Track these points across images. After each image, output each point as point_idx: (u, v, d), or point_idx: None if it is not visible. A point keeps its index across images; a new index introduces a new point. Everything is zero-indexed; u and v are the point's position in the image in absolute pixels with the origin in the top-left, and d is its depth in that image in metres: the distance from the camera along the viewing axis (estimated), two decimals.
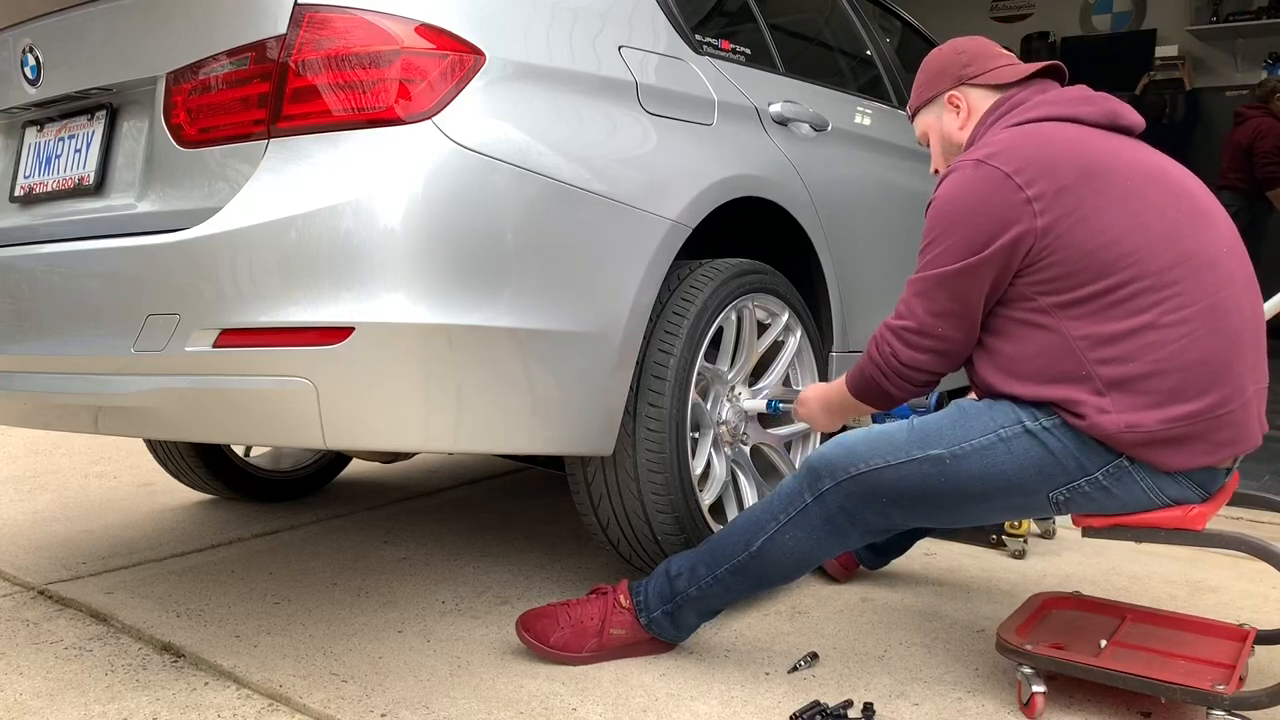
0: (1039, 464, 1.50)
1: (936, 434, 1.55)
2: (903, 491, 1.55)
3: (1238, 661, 1.57)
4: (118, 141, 1.83)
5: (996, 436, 1.51)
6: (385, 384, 1.54)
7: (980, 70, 1.71)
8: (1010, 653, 1.60)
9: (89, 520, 2.76)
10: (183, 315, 1.60)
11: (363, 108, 1.56)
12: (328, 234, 1.53)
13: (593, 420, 1.78)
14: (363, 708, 1.60)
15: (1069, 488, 1.51)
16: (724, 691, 1.66)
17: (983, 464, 1.51)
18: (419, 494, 3.06)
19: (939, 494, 1.54)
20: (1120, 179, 1.47)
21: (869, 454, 1.56)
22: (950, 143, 1.74)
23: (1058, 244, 1.45)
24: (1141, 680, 1.51)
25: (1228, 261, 1.49)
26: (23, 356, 1.84)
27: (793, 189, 2.25)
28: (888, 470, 1.55)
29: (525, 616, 1.78)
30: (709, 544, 1.72)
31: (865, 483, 1.56)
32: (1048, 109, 1.58)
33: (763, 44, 2.45)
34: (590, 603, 1.78)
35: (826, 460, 1.60)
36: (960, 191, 1.51)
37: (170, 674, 1.74)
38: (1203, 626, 1.73)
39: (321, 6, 1.59)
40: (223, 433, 1.66)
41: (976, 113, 1.70)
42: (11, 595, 2.14)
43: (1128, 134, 1.58)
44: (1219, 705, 1.47)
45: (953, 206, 1.51)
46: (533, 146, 1.67)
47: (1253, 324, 1.49)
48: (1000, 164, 1.48)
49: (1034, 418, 1.50)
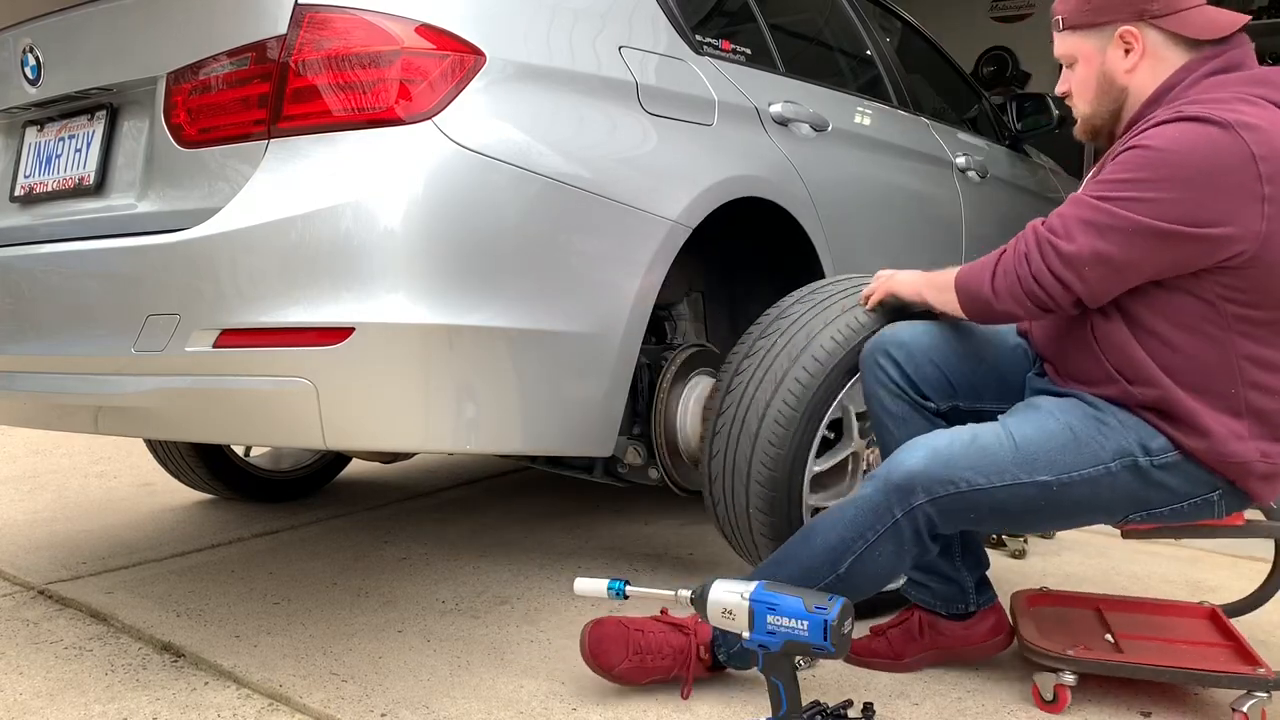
0: (1134, 495, 1.45)
1: (1046, 460, 1.43)
2: (999, 512, 1.46)
3: (1240, 640, 1.59)
4: (118, 141, 1.83)
5: (1105, 470, 1.42)
6: (385, 384, 1.54)
7: (1169, 9, 1.42)
8: (1050, 659, 1.57)
9: (89, 520, 2.75)
10: (183, 315, 1.60)
11: (363, 108, 1.56)
12: (328, 234, 1.53)
13: (592, 420, 1.78)
14: (363, 708, 1.60)
15: (1149, 513, 1.48)
16: (724, 692, 1.66)
17: (1086, 493, 1.44)
18: (419, 494, 3.05)
19: (1035, 514, 1.48)
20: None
21: (969, 472, 1.43)
22: (1112, 83, 1.48)
23: (1268, 256, 1.32)
24: (1183, 672, 1.51)
25: None
26: (23, 356, 1.84)
27: (793, 189, 2.24)
28: (990, 491, 1.43)
29: (595, 630, 1.62)
30: (781, 562, 1.55)
31: (963, 501, 1.43)
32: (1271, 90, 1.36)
33: (763, 44, 2.45)
34: (665, 635, 1.63)
35: (921, 474, 1.44)
36: (1202, 150, 1.30)
37: (170, 674, 1.74)
38: (1171, 609, 1.77)
39: (322, 7, 1.59)
40: (223, 433, 1.66)
41: (1156, 60, 1.44)
42: (11, 595, 2.14)
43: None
44: (1262, 687, 1.47)
45: (1188, 160, 1.30)
46: (533, 147, 1.67)
47: None
48: (1253, 142, 1.29)
49: (1146, 452, 1.42)
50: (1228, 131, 1.29)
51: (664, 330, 2.34)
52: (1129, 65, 1.46)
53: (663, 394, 2.04)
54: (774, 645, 1.39)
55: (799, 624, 1.37)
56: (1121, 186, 1.34)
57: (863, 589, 1.52)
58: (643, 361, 2.01)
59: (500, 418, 1.64)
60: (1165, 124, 1.34)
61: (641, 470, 2.10)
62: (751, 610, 1.40)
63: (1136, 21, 1.44)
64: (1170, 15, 1.42)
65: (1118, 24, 1.45)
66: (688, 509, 2.76)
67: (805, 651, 1.38)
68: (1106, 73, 1.48)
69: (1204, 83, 1.40)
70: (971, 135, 3.51)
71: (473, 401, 1.60)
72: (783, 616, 1.38)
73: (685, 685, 1.63)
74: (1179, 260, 1.34)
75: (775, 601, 1.39)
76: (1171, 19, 1.42)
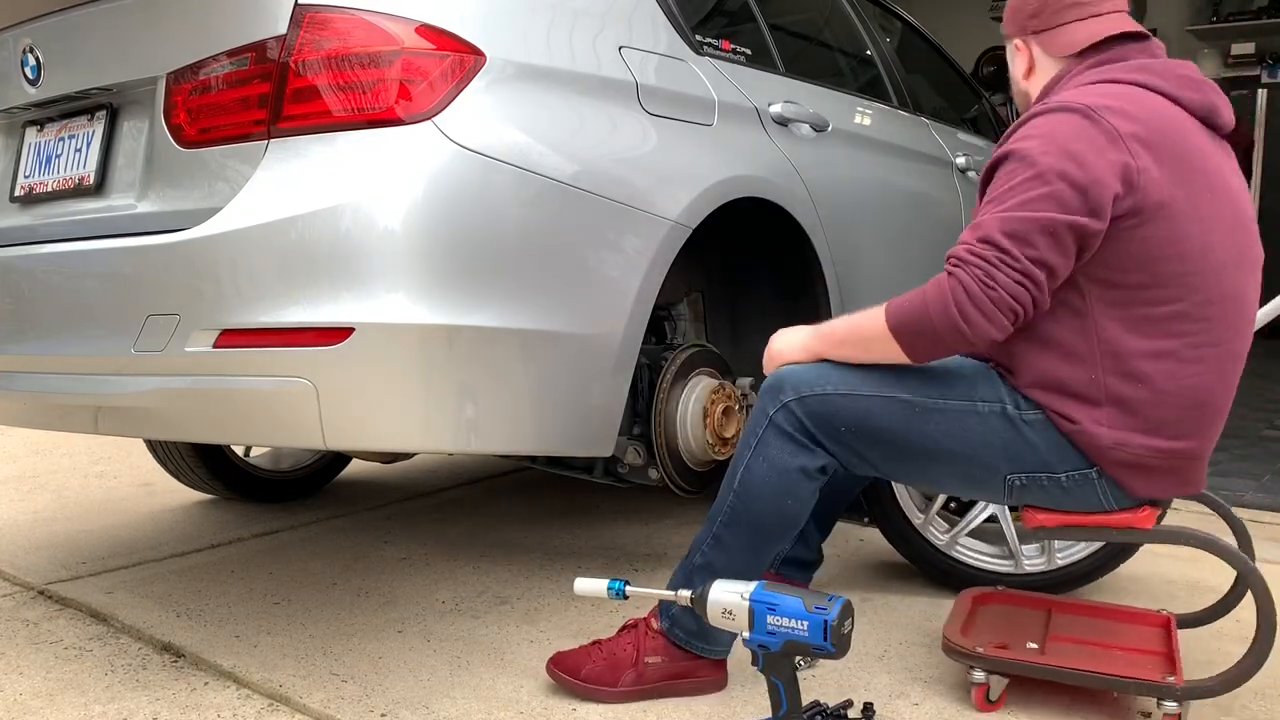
0: (1006, 444, 1.47)
1: (915, 378, 1.48)
2: (863, 425, 1.48)
3: (1172, 648, 1.59)
4: (118, 141, 1.83)
5: (973, 408, 1.47)
6: (385, 384, 1.54)
7: (1045, 25, 1.54)
8: (960, 656, 1.59)
9: (89, 520, 2.76)
10: (183, 315, 1.60)
11: (363, 108, 1.56)
12: (328, 234, 1.53)
13: (592, 421, 1.78)
14: (363, 708, 1.60)
15: (1029, 476, 1.49)
16: (724, 691, 1.66)
17: (951, 425, 1.47)
18: (419, 494, 3.05)
19: (900, 440, 1.49)
20: (1207, 191, 1.38)
21: (838, 380, 1.48)
22: (1019, 88, 1.62)
23: (1130, 233, 1.36)
24: (1094, 676, 1.53)
25: (1252, 311, 1.45)
26: (23, 357, 1.84)
27: (793, 190, 2.24)
28: (854, 399, 1.47)
29: (556, 655, 1.67)
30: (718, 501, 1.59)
31: (829, 404, 1.48)
32: (1149, 76, 1.43)
33: (763, 44, 2.45)
34: (622, 635, 1.67)
35: (791, 375, 1.51)
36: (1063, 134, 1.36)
37: (170, 674, 1.74)
38: (1125, 615, 1.77)
39: (322, 7, 1.59)
40: (222, 433, 1.66)
41: (1042, 71, 1.57)
42: (11, 595, 2.15)
43: (1216, 131, 1.47)
44: (1171, 696, 1.48)
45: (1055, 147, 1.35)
46: (533, 147, 1.67)
47: (1238, 377, 1.47)
48: (1114, 120, 1.35)
49: (1016, 405, 1.47)
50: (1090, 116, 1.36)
51: (664, 330, 2.34)
52: (1024, 72, 1.61)
53: (663, 394, 2.04)
54: (774, 645, 1.39)
55: (799, 624, 1.37)
56: (1017, 190, 1.36)
57: (753, 510, 1.53)
58: (643, 362, 2.01)
59: (500, 418, 1.64)
60: (1029, 120, 1.43)
61: (641, 470, 2.10)
62: (751, 610, 1.40)
63: (1023, 35, 1.59)
64: (1044, 32, 1.56)
65: (1013, 37, 1.61)
66: (688, 509, 2.76)
67: (805, 652, 1.38)
68: (1015, 78, 1.64)
69: (1075, 79, 1.49)
70: (972, 135, 3.51)
71: (472, 402, 1.60)
72: (782, 616, 1.38)
73: (640, 655, 1.63)
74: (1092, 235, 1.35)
75: (775, 601, 1.39)
76: (1044, 35, 1.56)
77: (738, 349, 2.41)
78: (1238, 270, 1.42)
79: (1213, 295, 1.39)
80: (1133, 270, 1.37)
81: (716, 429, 2.08)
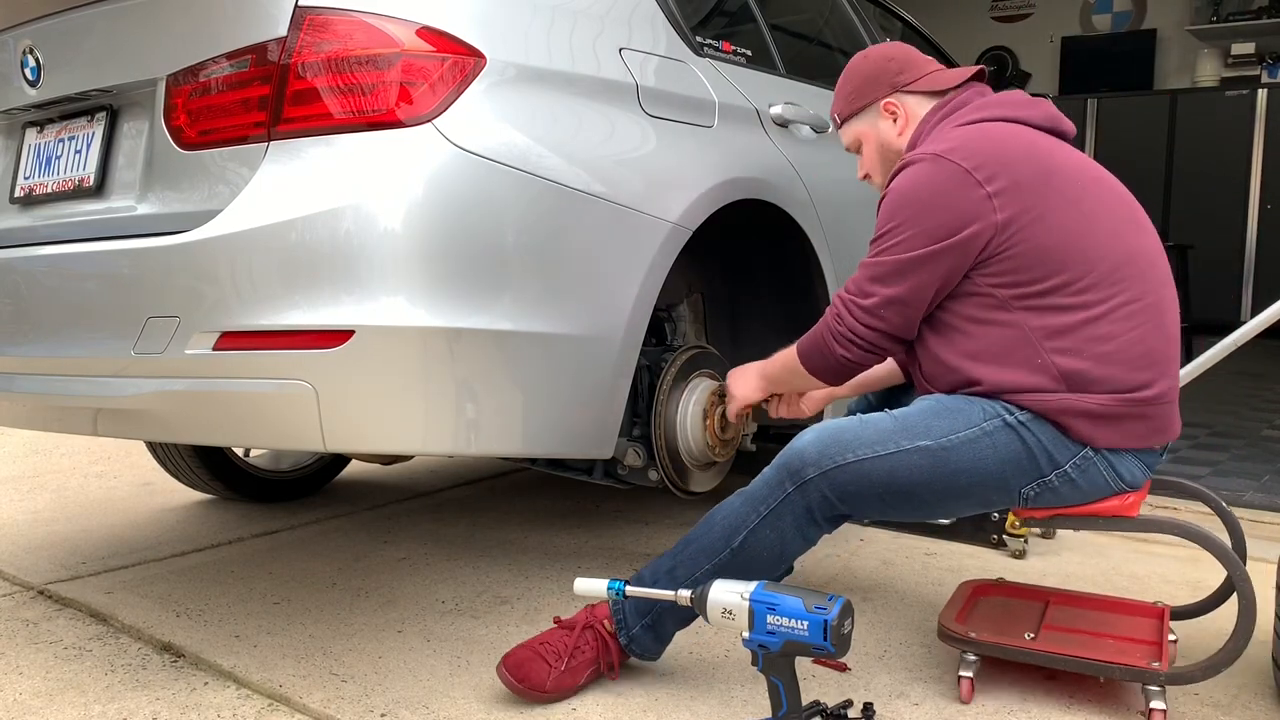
0: (1017, 459, 1.54)
1: (923, 426, 1.55)
2: (892, 483, 1.54)
3: (1162, 638, 1.63)
4: (118, 143, 1.83)
5: (980, 430, 1.54)
6: (385, 387, 1.54)
7: (914, 76, 1.75)
8: (953, 640, 1.64)
9: (89, 520, 2.76)
10: (183, 318, 1.60)
11: (363, 110, 1.56)
12: (328, 237, 1.53)
13: (592, 422, 1.78)
14: (363, 708, 1.61)
15: (1040, 483, 1.56)
16: (724, 691, 1.66)
17: (969, 456, 1.53)
18: (419, 494, 3.06)
19: (927, 486, 1.54)
20: (1070, 179, 1.55)
21: (856, 444, 1.54)
22: (889, 149, 1.77)
23: (1016, 239, 1.51)
24: (1079, 661, 1.57)
25: (1162, 263, 1.60)
26: (23, 358, 1.84)
27: (793, 191, 2.25)
28: (877, 461, 1.53)
29: (507, 663, 1.62)
30: (685, 543, 1.63)
31: (853, 472, 1.53)
32: (993, 110, 1.63)
33: (763, 45, 2.45)
34: (568, 635, 1.66)
35: (811, 448, 1.55)
36: (921, 184, 1.54)
37: (170, 674, 1.74)
38: (1122, 606, 1.80)
39: (322, 9, 1.59)
40: (222, 435, 1.66)
41: (915, 119, 1.74)
42: (11, 595, 2.15)
43: (1063, 138, 1.65)
44: (1155, 681, 1.52)
45: (914, 197, 1.54)
46: (533, 149, 1.67)
47: (1177, 323, 1.60)
48: (960, 159, 1.52)
49: (1010, 411, 1.54)
50: (939, 162, 1.53)
51: (664, 332, 2.34)
52: (899, 129, 1.75)
53: (663, 396, 2.04)
54: (774, 645, 1.40)
55: (799, 624, 1.37)
56: (882, 239, 1.57)
57: (750, 567, 1.57)
58: (643, 363, 2.01)
59: (500, 420, 1.64)
60: (898, 174, 1.59)
61: (641, 472, 2.10)
62: (751, 610, 1.41)
63: (893, 93, 1.75)
64: (916, 80, 1.75)
65: (878, 100, 1.76)
66: (687, 509, 2.77)
67: (805, 652, 1.38)
68: (884, 142, 1.77)
69: (934, 131, 1.66)
70: None
71: (472, 404, 1.60)
72: (782, 616, 1.39)
73: (613, 671, 1.67)
74: (950, 270, 1.54)
75: (775, 601, 1.40)
76: (920, 82, 1.75)
77: (738, 351, 2.41)
78: (1135, 232, 1.57)
79: (1117, 260, 1.53)
80: (1035, 268, 1.52)
81: (716, 431, 2.08)
